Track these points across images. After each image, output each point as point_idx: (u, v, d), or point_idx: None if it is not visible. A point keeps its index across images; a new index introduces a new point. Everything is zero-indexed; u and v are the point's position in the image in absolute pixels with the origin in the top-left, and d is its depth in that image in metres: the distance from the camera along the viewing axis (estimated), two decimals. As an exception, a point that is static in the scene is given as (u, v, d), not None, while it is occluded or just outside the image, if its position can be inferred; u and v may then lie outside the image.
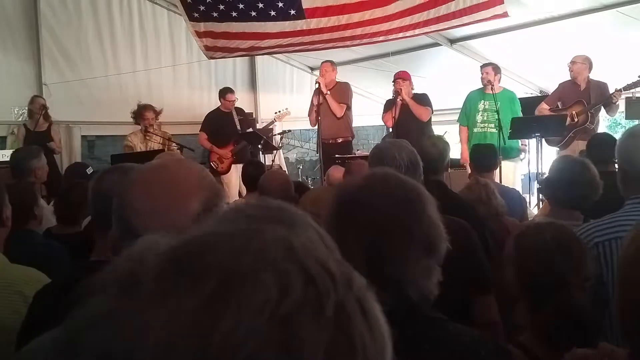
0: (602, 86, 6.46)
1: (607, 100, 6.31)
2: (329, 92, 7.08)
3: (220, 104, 7.83)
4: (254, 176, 4.34)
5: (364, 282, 0.54)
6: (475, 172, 4.37)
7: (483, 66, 6.92)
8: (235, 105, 7.88)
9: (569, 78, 6.65)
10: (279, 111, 7.83)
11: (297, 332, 0.46)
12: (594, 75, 6.54)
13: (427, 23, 6.07)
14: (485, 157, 4.58)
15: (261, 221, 0.58)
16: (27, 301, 1.90)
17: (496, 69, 6.84)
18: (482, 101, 6.85)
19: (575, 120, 6.46)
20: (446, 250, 2.15)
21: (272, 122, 7.80)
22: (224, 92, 7.81)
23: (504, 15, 5.62)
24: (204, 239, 0.52)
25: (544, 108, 6.83)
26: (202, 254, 0.50)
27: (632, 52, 6.70)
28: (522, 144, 6.90)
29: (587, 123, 6.42)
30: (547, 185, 2.81)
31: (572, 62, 6.52)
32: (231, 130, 7.60)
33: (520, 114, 6.79)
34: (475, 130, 6.92)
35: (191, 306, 0.46)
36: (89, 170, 4.74)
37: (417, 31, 6.19)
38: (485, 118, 6.82)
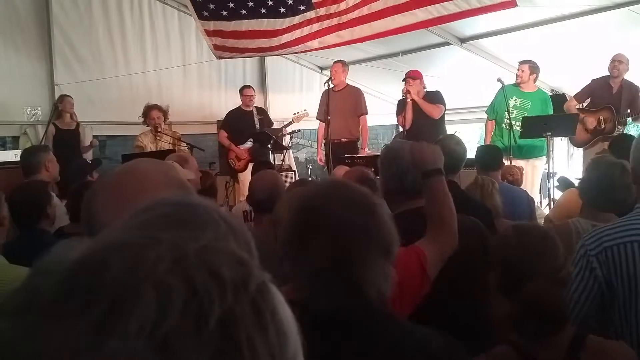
0: (633, 90, 6.39)
1: (636, 114, 6.26)
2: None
3: (241, 102, 7.96)
4: None
5: (264, 278, 0.53)
6: (481, 172, 4.36)
7: (521, 62, 6.86)
8: (256, 105, 8.04)
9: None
10: (297, 112, 7.84)
11: (176, 352, 0.45)
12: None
13: (432, 2, 5.97)
14: (489, 157, 4.57)
15: (163, 224, 0.57)
16: None
17: (533, 68, 6.75)
18: (514, 97, 6.79)
19: (602, 126, 6.40)
20: (461, 249, 2.17)
21: (290, 123, 7.81)
22: (242, 89, 8.01)
23: (513, 4, 5.53)
24: (96, 254, 0.51)
25: (572, 105, 6.76)
26: (95, 272, 0.49)
27: (643, 51, 6.66)
28: None
29: (614, 132, 6.36)
30: (585, 188, 2.76)
31: (619, 61, 6.40)
32: (250, 129, 7.65)
33: None
34: (502, 126, 6.87)
35: (81, 329, 0.45)
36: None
37: (424, 12, 6.06)
38: (514, 115, 6.73)
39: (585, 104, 6.74)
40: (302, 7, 6.74)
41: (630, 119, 6.48)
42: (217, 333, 0.47)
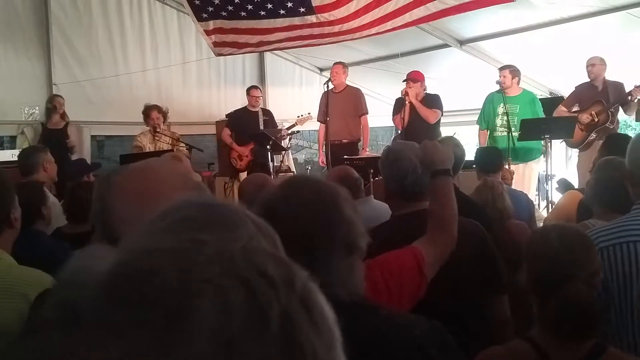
0: (619, 86, 6.44)
1: (625, 99, 6.28)
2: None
3: (247, 102, 7.95)
4: None
5: (305, 275, 0.53)
6: (482, 174, 4.35)
7: (501, 69, 6.88)
8: (261, 106, 8.05)
9: (586, 80, 6.62)
10: (301, 115, 7.85)
11: (243, 355, 0.45)
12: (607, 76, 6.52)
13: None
14: (489, 159, 4.56)
15: (198, 226, 0.56)
16: (30, 301, 1.89)
17: (514, 72, 6.78)
18: (502, 104, 6.82)
19: (596, 120, 6.43)
20: (462, 251, 2.17)
21: (293, 125, 7.82)
22: (249, 89, 8.00)
23: None
24: (142, 261, 0.50)
25: (562, 111, 6.78)
26: (141, 281, 0.48)
27: (641, 53, 6.67)
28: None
29: (608, 122, 6.39)
30: (598, 190, 2.73)
31: (592, 64, 6.47)
32: (254, 129, 7.64)
33: (542, 115, 6.76)
34: (495, 134, 6.89)
35: (143, 338, 0.45)
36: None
37: (422, 10, 6.05)
38: (504, 121, 6.76)
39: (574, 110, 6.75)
40: (302, 9, 6.74)
41: (623, 111, 6.48)
42: (279, 334, 0.47)
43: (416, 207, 2.35)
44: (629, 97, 6.28)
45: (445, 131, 6.92)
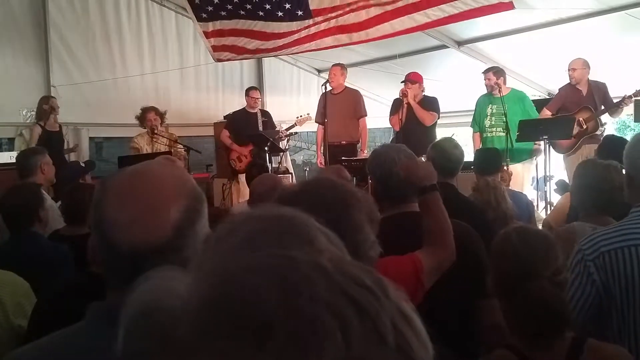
0: (601, 87, 6.45)
1: (614, 107, 6.28)
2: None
3: (245, 103, 7.94)
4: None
5: (387, 281, 0.51)
6: (479, 175, 4.34)
7: (484, 72, 6.89)
8: (260, 107, 8.04)
9: (568, 82, 6.62)
10: (300, 116, 7.84)
11: None
12: (599, 77, 6.52)
13: (430, 5, 5.94)
14: (488, 160, 4.56)
15: (276, 240, 0.54)
16: (2, 303, 1.87)
17: (498, 73, 6.79)
18: (490, 105, 6.83)
19: (584, 127, 6.41)
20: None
21: (292, 126, 7.82)
22: (248, 90, 7.99)
23: (510, 6, 5.52)
24: (237, 280, 0.47)
25: (546, 114, 6.78)
26: (246, 301, 0.45)
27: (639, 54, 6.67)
28: (536, 144, 6.74)
29: (597, 131, 6.38)
30: (578, 192, 2.73)
31: (572, 69, 6.49)
32: (253, 131, 7.62)
33: (535, 112, 6.77)
34: (484, 135, 6.91)
35: None
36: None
37: (422, 16, 6.05)
38: (493, 122, 6.79)
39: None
40: (300, 13, 6.73)
41: (609, 114, 6.48)
42: (396, 348, 0.45)
43: (404, 209, 2.34)
44: (618, 107, 6.28)
45: (443, 132, 6.93)
